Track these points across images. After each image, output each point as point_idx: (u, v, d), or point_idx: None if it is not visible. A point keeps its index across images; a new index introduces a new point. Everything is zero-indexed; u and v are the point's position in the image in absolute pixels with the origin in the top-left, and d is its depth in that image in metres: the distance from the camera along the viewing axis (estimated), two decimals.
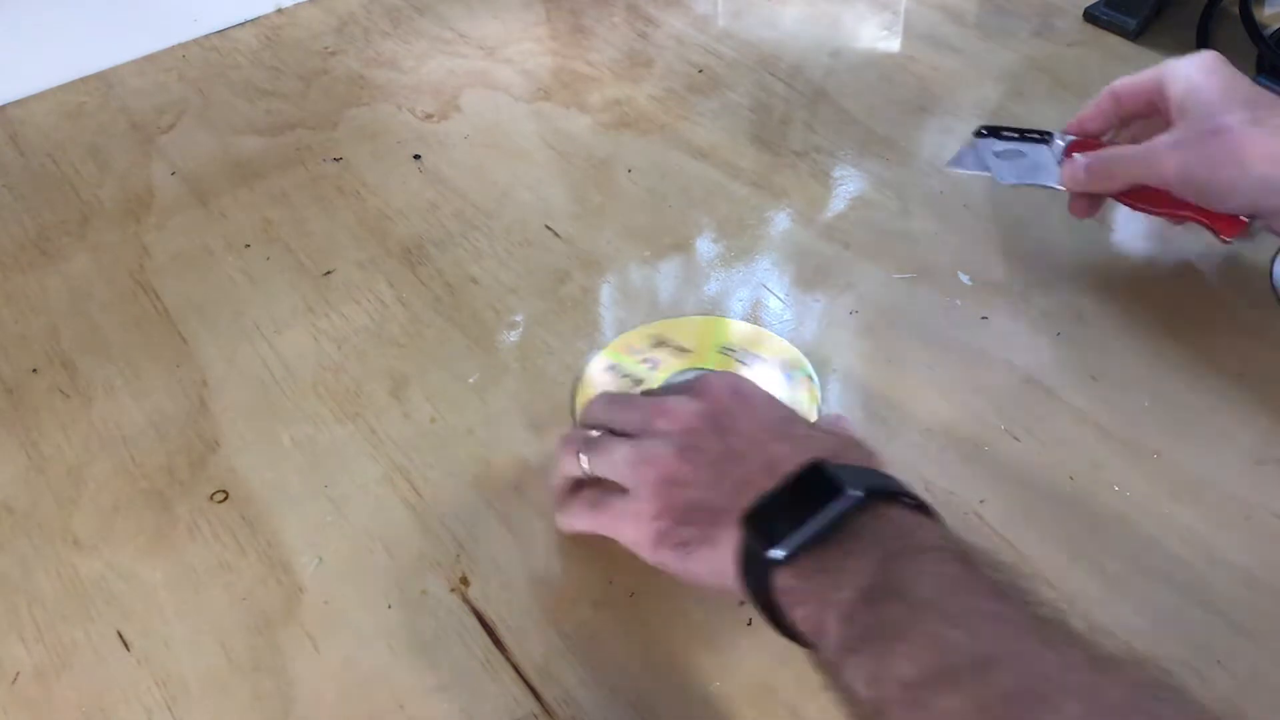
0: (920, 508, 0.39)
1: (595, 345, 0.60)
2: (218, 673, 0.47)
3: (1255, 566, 0.48)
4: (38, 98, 0.82)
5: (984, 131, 0.65)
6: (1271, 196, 0.52)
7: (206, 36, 0.87)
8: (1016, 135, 0.63)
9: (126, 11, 0.84)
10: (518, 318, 0.62)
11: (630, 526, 0.44)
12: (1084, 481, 0.52)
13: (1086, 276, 0.62)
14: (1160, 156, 0.54)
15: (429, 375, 0.59)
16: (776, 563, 0.37)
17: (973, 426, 0.55)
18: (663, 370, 0.56)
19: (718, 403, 0.44)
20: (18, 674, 0.47)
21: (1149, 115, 0.58)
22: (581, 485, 0.47)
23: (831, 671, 0.36)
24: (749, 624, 0.47)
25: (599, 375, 0.57)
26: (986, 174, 0.63)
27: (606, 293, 0.64)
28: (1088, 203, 0.60)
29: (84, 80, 0.83)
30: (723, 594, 0.42)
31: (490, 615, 0.48)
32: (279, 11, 0.89)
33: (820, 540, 0.37)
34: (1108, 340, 0.58)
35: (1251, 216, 0.54)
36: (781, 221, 0.68)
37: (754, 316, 0.61)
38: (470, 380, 0.59)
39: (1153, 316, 0.60)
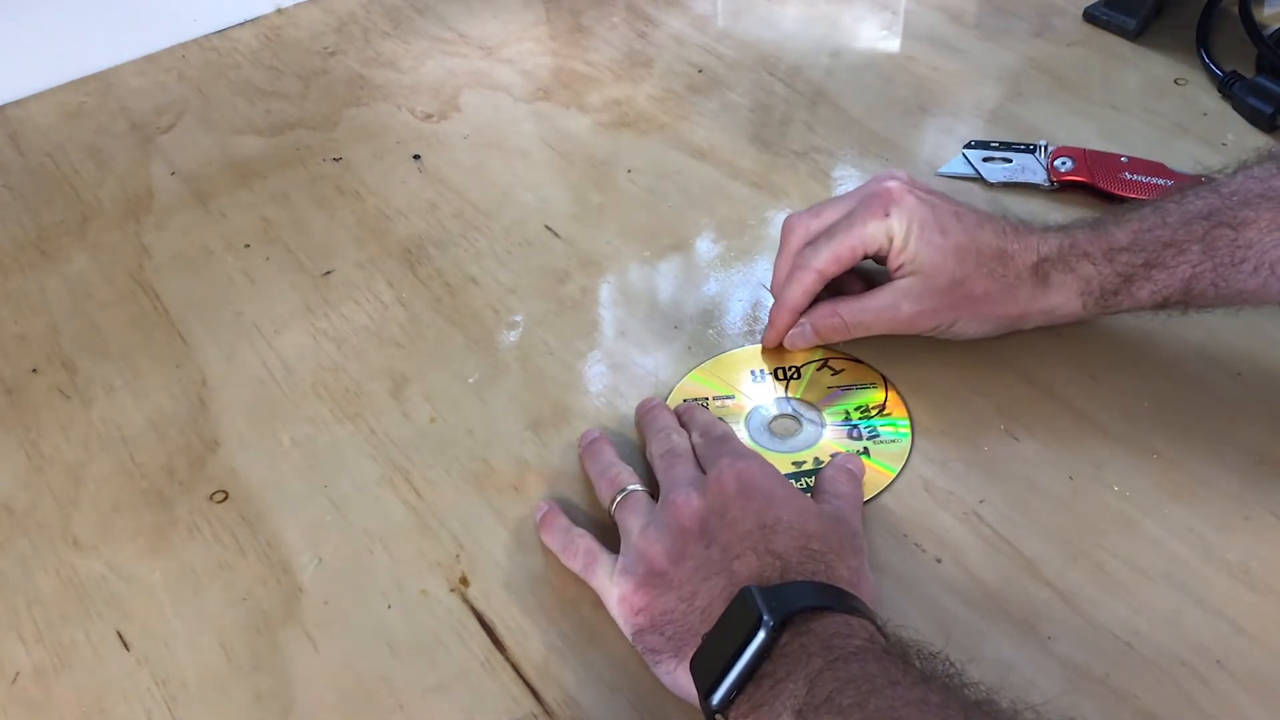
0: (849, 611, 0.41)
1: (595, 347, 0.60)
2: (218, 673, 0.47)
3: (1255, 566, 0.48)
4: (38, 98, 0.82)
5: (973, 144, 0.71)
6: (1005, 329, 0.56)
7: (206, 36, 0.87)
8: (1002, 146, 0.70)
9: (126, 11, 0.84)
10: (518, 318, 0.62)
11: (615, 606, 0.46)
12: (1084, 481, 0.52)
13: None
14: (903, 318, 0.55)
15: (429, 375, 0.59)
16: (716, 710, 0.39)
17: (973, 426, 0.55)
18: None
19: (717, 500, 0.46)
20: (18, 674, 0.47)
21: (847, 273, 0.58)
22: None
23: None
24: None
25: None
26: (976, 177, 0.69)
27: (606, 293, 0.64)
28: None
29: (84, 80, 0.83)
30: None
31: (490, 615, 0.48)
32: (279, 11, 0.89)
33: (750, 675, 0.39)
34: (1108, 340, 0.58)
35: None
36: (781, 221, 0.67)
37: (754, 316, 0.61)
38: (470, 380, 0.59)
39: (1153, 317, 0.59)
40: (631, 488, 0.50)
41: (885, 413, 0.55)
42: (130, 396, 0.59)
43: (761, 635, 0.39)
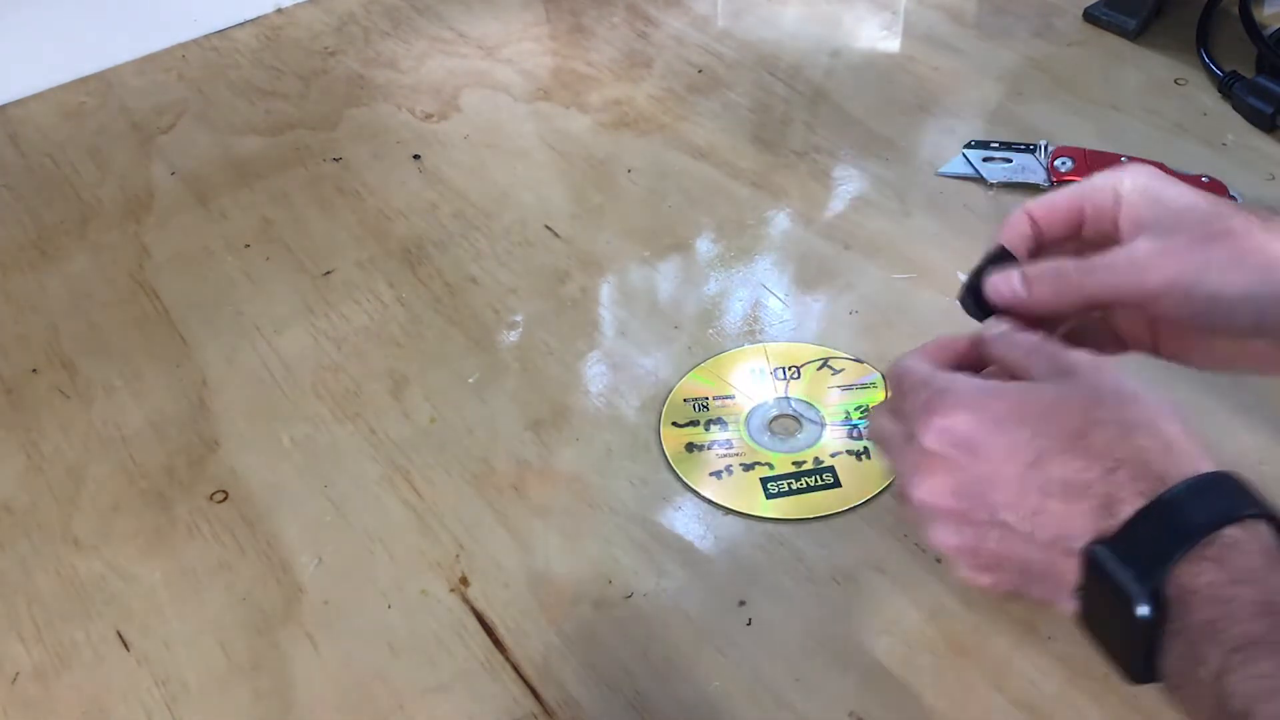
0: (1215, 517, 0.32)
1: (595, 347, 0.60)
2: (218, 673, 0.47)
3: None
4: (38, 98, 0.82)
5: (973, 144, 0.70)
6: (1271, 310, 0.40)
7: (206, 36, 0.87)
8: (1002, 146, 0.70)
9: (126, 11, 0.84)
10: (518, 318, 0.62)
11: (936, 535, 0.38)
12: None
13: None
14: (1145, 264, 0.40)
15: (429, 375, 0.59)
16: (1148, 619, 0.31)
17: None
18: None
19: (955, 471, 0.37)
20: (18, 674, 0.47)
21: (1066, 240, 0.45)
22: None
23: (1207, 691, 0.30)
24: (749, 624, 0.47)
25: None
26: (976, 177, 0.69)
27: (606, 293, 0.64)
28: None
29: (84, 80, 0.83)
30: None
31: (490, 615, 0.48)
32: (279, 11, 0.89)
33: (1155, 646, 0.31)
34: None
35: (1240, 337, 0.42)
36: (781, 221, 0.68)
37: (754, 316, 0.61)
38: (470, 380, 0.59)
39: None
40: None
41: None
42: (130, 396, 0.59)
43: (1140, 624, 0.31)
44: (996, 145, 0.70)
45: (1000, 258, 0.46)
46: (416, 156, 0.74)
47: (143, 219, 0.70)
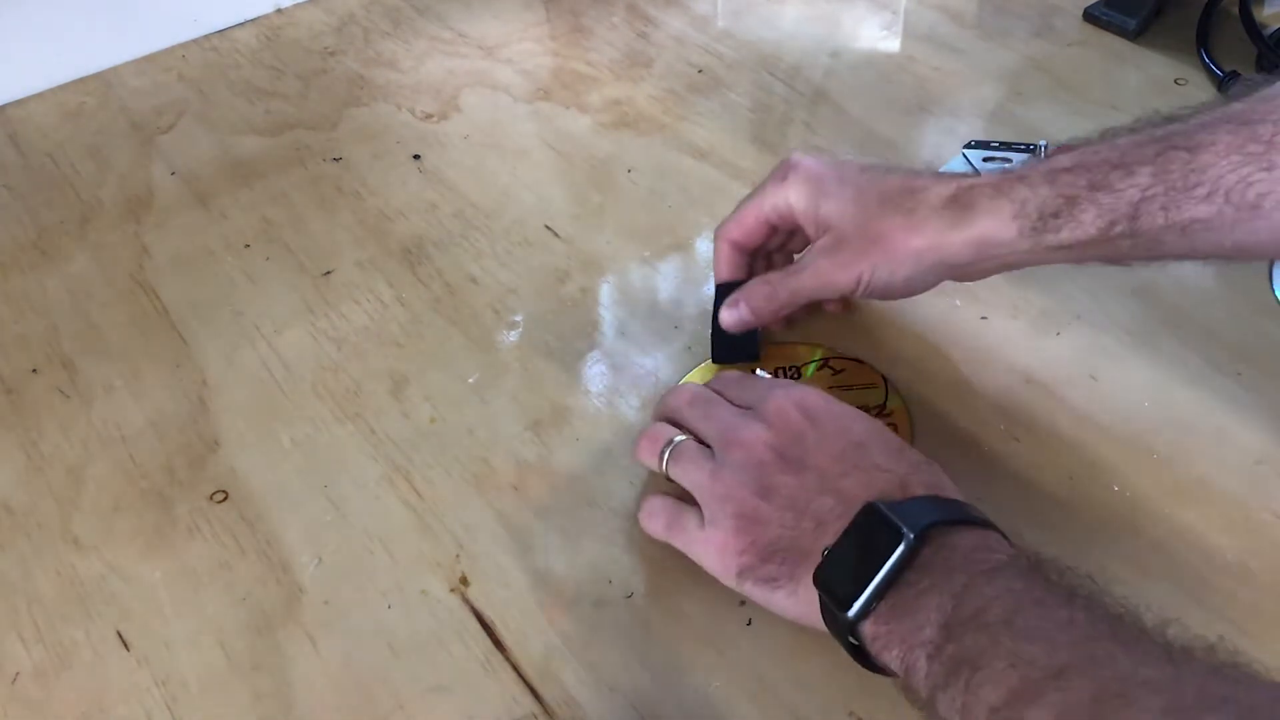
0: (983, 524, 0.41)
1: (595, 347, 0.60)
2: (218, 673, 0.47)
3: (1255, 566, 0.48)
4: (38, 98, 0.82)
5: (973, 144, 0.70)
6: (939, 274, 0.52)
7: (206, 36, 0.87)
8: (1002, 146, 0.70)
9: (126, 11, 0.84)
10: (518, 318, 0.62)
11: (713, 557, 0.45)
12: (1084, 481, 0.52)
13: (1086, 276, 0.62)
14: (826, 273, 0.53)
15: (429, 375, 0.59)
16: (854, 621, 0.39)
17: (973, 426, 0.55)
18: None
19: (787, 429, 0.46)
20: (18, 674, 0.47)
21: (771, 243, 0.58)
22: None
23: (926, 708, 0.37)
24: (749, 624, 0.47)
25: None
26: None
27: (606, 293, 0.64)
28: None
29: (84, 80, 0.83)
30: (809, 626, 0.44)
31: (490, 615, 0.48)
32: (279, 11, 0.89)
33: (890, 585, 0.39)
34: (1108, 340, 0.58)
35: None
36: None
37: None
38: (470, 380, 0.59)
39: (1153, 316, 0.60)
40: (678, 438, 0.48)
41: (885, 413, 0.55)
42: (130, 396, 0.59)
43: (902, 548, 0.39)
44: (996, 145, 0.70)
45: (727, 289, 0.56)
46: (416, 156, 0.74)
47: (143, 219, 0.70)
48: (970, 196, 0.50)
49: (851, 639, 0.40)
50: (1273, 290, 0.61)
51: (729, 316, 0.56)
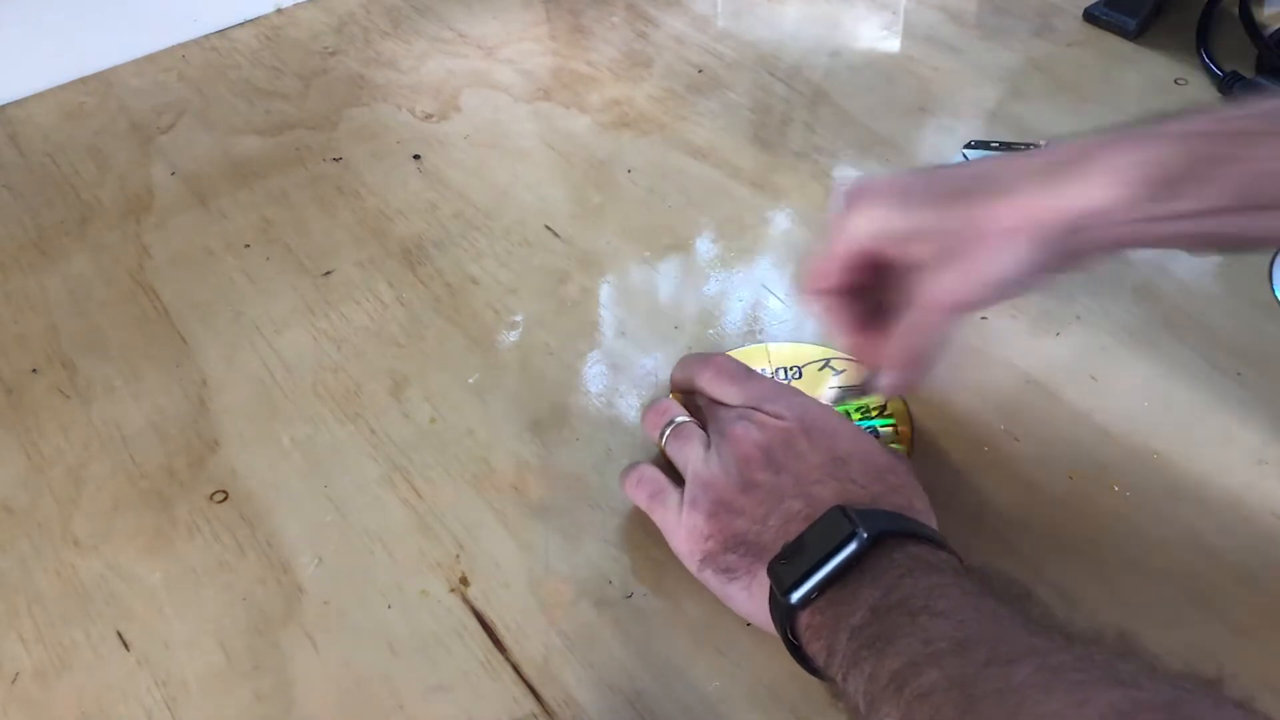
0: (938, 545, 0.42)
1: (595, 347, 0.60)
2: (218, 673, 0.47)
3: (1255, 566, 0.48)
4: (38, 98, 0.82)
5: (973, 144, 0.70)
6: (1042, 242, 0.43)
7: (206, 36, 0.87)
8: (1002, 146, 0.70)
9: (126, 11, 0.84)
10: (518, 318, 0.62)
11: (682, 538, 0.47)
12: (1084, 481, 0.52)
13: (1086, 276, 0.62)
14: (946, 293, 0.45)
15: (429, 375, 0.59)
16: (795, 607, 0.40)
17: (973, 426, 0.55)
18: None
19: (780, 433, 0.47)
20: (18, 674, 0.47)
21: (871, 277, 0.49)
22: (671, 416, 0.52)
23: (840, 691, 0.38)
24: (748, 624, 0.47)
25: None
26: None
27: (606, 293, 0.64)
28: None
29: (84, 80, 0.83)
30: (758, 625, 0.45)
31: (490, 615, 0.48)
32: (279, 11, 0.89)
33: (834, 581, 0.40)
34: (1108, 340, 0.58)
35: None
36: (781, 222, 0.68)
37: (754, 317, 0.61)
38: (470, 380, 0.59)
39: (1153, 316, 0.60)
40: (681, 419, 0.51)
41: (885, 413, 0.55)
42: (130, 396, 0.59)
43: (854, 546, 0.40)
44: (996, 145, 0.70)
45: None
46: (416, 156, 0.74)
47: (143, 219, 0.70)
48: (1068, 164, 0.42)
49: (792, 638, 0.41)
50: (1273, 290, 0.61)
51: (889, 383, 0.50)
